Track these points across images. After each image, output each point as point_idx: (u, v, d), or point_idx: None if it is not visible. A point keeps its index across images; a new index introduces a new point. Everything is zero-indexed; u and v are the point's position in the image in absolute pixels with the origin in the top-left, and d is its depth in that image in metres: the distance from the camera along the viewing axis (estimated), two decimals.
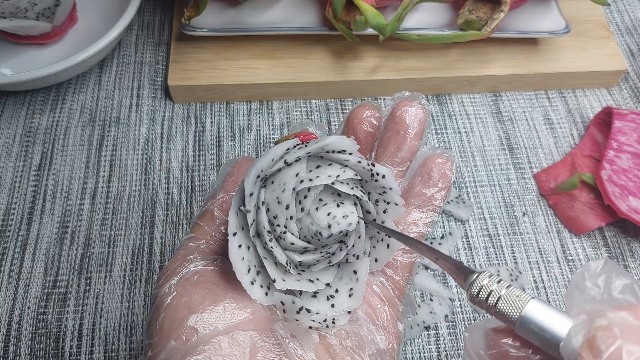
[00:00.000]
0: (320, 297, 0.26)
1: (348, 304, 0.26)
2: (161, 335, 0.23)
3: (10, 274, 0.41)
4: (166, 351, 0.23)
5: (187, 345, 0.23)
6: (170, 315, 0.24)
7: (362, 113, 0.29)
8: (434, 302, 0.40)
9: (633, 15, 0.56)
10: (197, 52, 0.49)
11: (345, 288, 0.26)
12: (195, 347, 0.22)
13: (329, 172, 0.25)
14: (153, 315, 0.24)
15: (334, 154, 0.25)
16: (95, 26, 0.50)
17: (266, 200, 0.25)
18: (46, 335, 0.38)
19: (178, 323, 0.23)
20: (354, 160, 0.25)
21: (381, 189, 0.26)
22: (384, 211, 0.26)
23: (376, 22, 0.42)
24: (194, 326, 0.23)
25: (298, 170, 0.24)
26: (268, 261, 0.25)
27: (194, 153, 0.46)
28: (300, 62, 0.48)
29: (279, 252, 0.25)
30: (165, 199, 0.44)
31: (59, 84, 0.49)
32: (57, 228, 0.42)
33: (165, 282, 0.25)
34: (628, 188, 0.42)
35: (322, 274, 0.26)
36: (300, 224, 0.25)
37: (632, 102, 0.50)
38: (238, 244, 0.25)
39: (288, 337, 0.24)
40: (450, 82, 0.49)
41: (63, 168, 0.45)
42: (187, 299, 0.24)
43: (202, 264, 0.26)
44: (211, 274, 0.25)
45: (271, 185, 0.25)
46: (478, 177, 0.46)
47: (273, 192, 0.25)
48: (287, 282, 0.25)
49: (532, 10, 0.49)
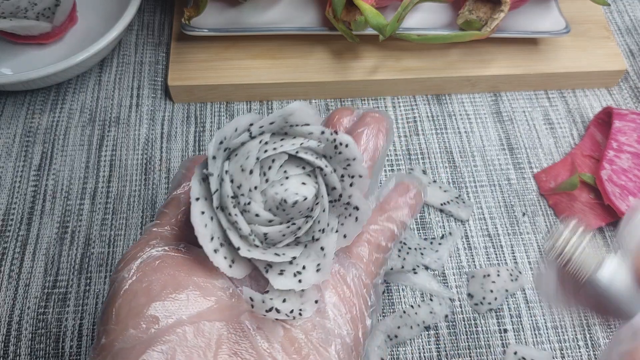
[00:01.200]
0: (287, 274, 0.25)
1: (316, 278, 0.25)
2: (117, 322, 0.22)
3: (10, 274, 0.41)
4: (124, 340, 0.21)
5: (148, 334, 0.22)
6: (129, 302, 0.22)
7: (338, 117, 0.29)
8: (434, 302, 0.40)
9: (633, 15, 0.56)
10: (197, 52, 0.49)
11: (313, 264, 0.26)
12: (158, 337, 0.21)
13: (294, 140, 0.25)
14: (109, 300, 0.23)
15: (297, 128, 0.25)
16: (95, 26, 0.50)
17: (230, 170, 0.24)
18: (46, 335, 0.38)
19: (137, 310, 0.22)
20: (317, 131, 0.25)
21: (345, 162, 0.25)
22: (350, 185, 0.26)
23: (376, 22, 0.42)
24: (154, 314, 0.22)
25: (262, 139, 0.24)
26: (232, 232, 0.24)
27: (194, 153, 0.46)
28: (300, 62, 0.48)
29: (243, 223, 0.24)
30: (165, 199, 0.44)
31: (59, 84, 0.49)
32: (57, 228, 0.42)
33: (125, 266, 0.24)
34: (628, 188, 0.42)
35: (287, 250, 0.26)
36: (264, 195, 0.25)
37: (632, 102, 0.50)
38: (201, 210, 0.24)
39: (254, 328, 0.23)
40: (450, 82, 0.49)
41: (63, 168, 0.45)
42: (147, 285, 0.23)
43: (164, 249, 0.25)
44: (174, 260, 0.24)
45: (235, 157, 0.24)
46: (478, 177, 0.46)
47: (237, 162, 0.24)
48: (252, 252, 0.24)
49: (532, 10, 0.49)
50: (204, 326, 0.22)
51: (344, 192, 0.26)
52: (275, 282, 0.25)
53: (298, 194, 0.24)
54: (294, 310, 0.24)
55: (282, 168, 0.25)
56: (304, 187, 0.25)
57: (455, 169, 0.46)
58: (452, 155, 0.47)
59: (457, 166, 0.46)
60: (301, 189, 0.25)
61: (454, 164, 0.46)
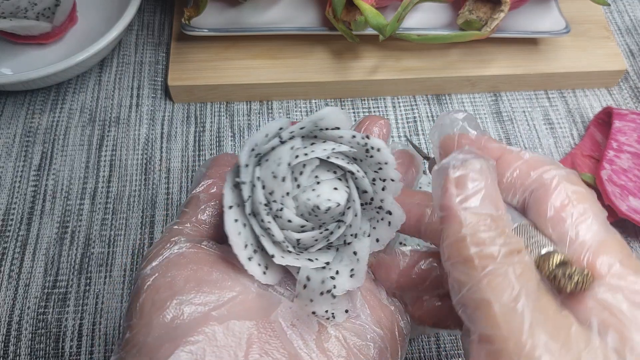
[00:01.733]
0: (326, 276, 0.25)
1: (350, 284, 0.25)
2: (141, 316, 0.22)
3: (10, 274, 0.41)
4: (149, 333, 0.22)
5: (174, 326, 0.22)
6: (152, 296, 0.22)
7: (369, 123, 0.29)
8: None
9: (633, 15, 0.56)
10: (197, 52, 0.49)
11: (346, 269, 0.26)
12: (185, 335, 0.21)
13: (325, 145, 0.25)
14: (133, 297, 0.23)
15: (328, 132, 0.25)
16: (95, 26, 0.50)
17: (261, 177, 0.24)
18: (46, 335, 0.38)
19: (160, 303, 0.22)
20: (348, 135, 0.25)
21: (376, 165, 0.25)
22: (382, 189, 0.25)
23: (376, 22, 0.42)
24: (179, 307, 0.22)
25: (293, 145, 0.24)
26: (265, 239, 0.24)
27: (194, 153, 0.46)
28: (300, 62, 0.48)
29: (276, 230, 0.24)
30: (165, 199, 0.44)
31: (59, 84, 0.49)
32: (57, 228, 0.42)
33: (147, 264, 0.24)
34: (628, 188, 0.42)
35: (320, 255, 0.26)
36: (297, 201, 0.25)
37: (632, 102, 0.50)
38: (234, 218, 0.24)
39: (288, 325, 0.23)
40: (450, 82, 0.49)
41: (63, 168, 0.45)
42: (170, 280, 0.23)
43: (186, 246, 0.25)
44: (196, 256, 0.24)
45: (266, 163, 0.24)
46: None
47: (268, 168, 0.24)
48: (285, 259, 0.24)
49: (532, 10, 0.49)
50: (234, 325, 0.22)
51: (376, 195, 0.26)
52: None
53: (331, 200, 0.24)
54: (328, 310, 0.24)
55: (313, 173, 0.25)
56: (336, 193, 0.25)
57: None
58: None
59: None
60: (333, 194, 0.25)
61: None
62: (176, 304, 0.22)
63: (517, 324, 0.18)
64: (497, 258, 0.19)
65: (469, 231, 0.20)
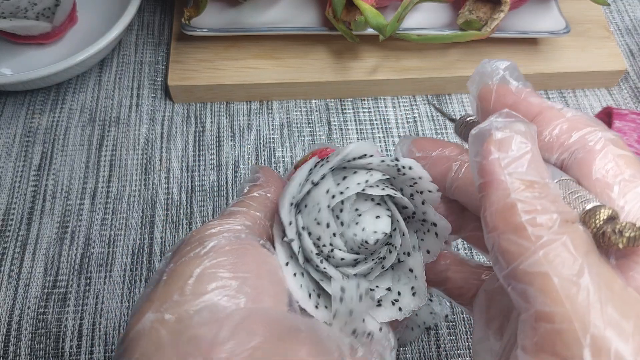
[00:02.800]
0: (385, 303, 0.26)
1: (415, 304, 0.25)
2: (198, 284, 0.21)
3: (10, 274, 0.41)
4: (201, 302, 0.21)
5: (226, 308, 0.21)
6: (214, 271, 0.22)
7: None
8: (434, 303, 0.40)
9: (633, 15, 0.56)
10: (197, 52, 0.49)
11: (407, 288, 0.26)
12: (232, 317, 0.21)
13: (357, 179, 0.25)
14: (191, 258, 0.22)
15: (356, 161, 0.25)
16: (95, 26, 0.50)
17: (305, 224, 0.25)
18: (46, 335, 0.38)
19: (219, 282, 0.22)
20: (377, 161, 0.25)
21: (411, 180, 0.25)
22: (422, 202, 0.26)
23: (376, 22, 0.42)
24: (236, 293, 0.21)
25: (327, 187, 0.24)
26: (325, 282, 0.25)
27: (194, 153, 0.46)
28: (300, 62, 0.48)
29: (333, 271, 0.25)
30: (165, 199, 0.44)
31: (59, 84, 0.49)
32: (57, 228, 0.42)
33: (213, 235, 0.23)
34: None
35: (379, 281, 0.26)
36: (344, 237, 0.25)
37: (632, 102, 0.50)
38: (293, 273, 0.24)
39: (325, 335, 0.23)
40: (450, 82, 0.49)
41: (63, 168, 0.45)
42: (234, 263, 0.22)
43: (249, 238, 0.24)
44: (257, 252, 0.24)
45: (305, 209, 0.25)
46: None
47: (309, 214, 0.24)
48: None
49: (532, 10, 0.49)
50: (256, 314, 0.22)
51: (417, 209, 0.26)
52: (378, 315, 0.25)
53: (377, 232, 0.25)
54: (366, 330, 0.24)
55: (353, 206, 0.25)
56: (380, 222, 0.25)
57: None
58: None
59: None
60: (377, 224, 0.25)
61: None
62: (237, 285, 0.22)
63: (582, 301, 0.16)
64: (552, 227, 0.17)
65: (519, 196, 0.18)
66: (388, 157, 0.25)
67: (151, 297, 0.22)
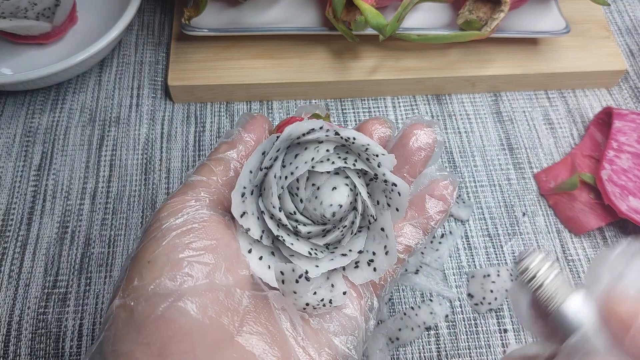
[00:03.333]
0: (362, 264, 0.26)
1: (388, 262, 0.26)
2: (153, 269, 0.23)
3: (10, 274, 0.41)
4: (158, 286, 0.23)
5: (182, 287, 0.23)
6: (167, 253, 0.23)
7: (371, 127, 0.29)
8: (434, 303, 0.40)
9: (633, 15, 0.56)
10: (197, 52, 0.49)
11: (380, 247, 0.26)
12: (192, 293, 0.22)
13: (305, 157, 0.25)
14: (147, 246, 0.24)
15: (304, 137, 0.25)
16: (95, 26, 0.50)
17: (266, 208, 0.25)
18: (46, 335, 0.38)
19: (174, 263, 0.23)
20: (322, 134, 0.25)
21: (362, 147, 0.26)
22: (378, 165, 0.26)
23: (376, 22, 0.42)
24: (190, 272, 0.23)
25: (275, 172, 0.25)
26: (295, 258, 0.25)
27: (194, 153, 0.46)
28: (300, 62, 0.48)
29: (299, 246, 0.25)
30: (165, 199, 0.44)
31: (59, 84, 0.49)
32: (57, 228, 0.42)
33: (168, 216, 0.25)
34: (628, 188, 0.42)
35: (352, 244, 0.27)
36: (307, 211, 0.26)
37: (632, 102, 0.50)
38: (258, 257, 0.25)
39: (279, 308, 0.24)
40: (450, 82, 0.49)
41: (63, 168, 0.45)
42: (188, 243, 0.24)
43: (210, 214, 0.25)
44: (217, 227, 0.25)
45: (264, 192, 0.25)
46: (478, 177, 0.46)
47: (267, 198, 0.25)
48: (320, 267, 0.25)
49: (532, 10, 0.49)
50: (235, 292, 0.24)
51: (377, 171, 0.26)
52: (355, 277, 0.26)
53: (332, 204, 0.25)
54: (324, 298, 0.25)
55: (309, 181, 0.26)
56: (336, 193, 0.25)
57: (455, 169, 0.46)
58: (452, 155, 0.47)
59: (457, 166, 0.46)
60: (334, 196, 0.25)
61: (454, 163, 0.46)
62: (189, 268, 0.23)
63: None
64: None
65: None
66: (331, 129, 0.25)
67: (119, 283, 0.24)
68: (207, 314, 0.22)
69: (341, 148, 0.26)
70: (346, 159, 0.26)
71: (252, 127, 0.29)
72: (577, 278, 0.42)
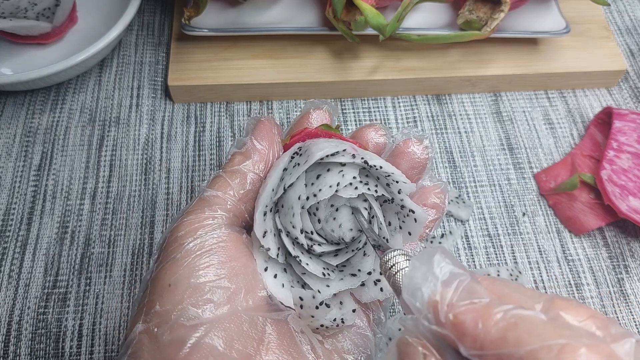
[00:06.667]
0: (369, 283, 0.27)
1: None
2: (175, 292, 0.23)
3: (10, 274, 0.41)
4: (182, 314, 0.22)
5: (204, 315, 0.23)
6: (188, 277, 0.23)
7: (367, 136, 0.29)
8: None
9: (633, 15, 0.56)
10: (197, 52, 0.49)
11: None
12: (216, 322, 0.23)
13: (329, 180, 0.25)
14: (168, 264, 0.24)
15: (329, 158, 0.25)
16: (95, 26, 0.50)
17: (282, 225, 0.26)
18: (46, 335, 0.38)
19: (196, 288, 0.23)
20: (348, 158, 0.25)
21: (384, 173, 0.26)
22: (398, 191, 0.26)
23: (376, 22, 0.42)
24: (211, 298, 0.23)
25: (299, 193, 0.25)
26: (307, 276, 0.26)
27: (194, 153, 0.46)
28: (300, 62, 0.48)
29: (313, 267, 0.26)
30: (165, 199, 0.44)
31: (59, 84, 0.49)
32: (57, 228, 0.42)
33: (186, 235, 0.24)
34: (628, 188, 0.42)
35: (362, 264, 0.27)
36: (323, 231, 0.26)
37: (632, 102, 0.50)
38: (273, 275, 0.25)
39: (299, 331, 0.25)
40: (450, 82, 0.49)
41: (63, 168, 0.45)
42: (208, 266, 0.24)
43: (227, 233, 0.25)
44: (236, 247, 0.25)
45: (282, 209, 0.26)
46: (478, 177, 0.46)
47: (285, 216, 0.25)
48: (331, 287, 0.26)
49: (532, 10, 0.49)
50: (257, 320, 0.24)
51: (395, 197, 0.26)
52: (362, 296, 0.26)
53: (352, 229, 0.26)
54: (336, 319, 0.25)
55: (329, 202, 0.26)
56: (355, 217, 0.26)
57: (455, 169, 0.46)
58: (452, 155, 0.47)
59: (457, 166, 0.46)
60: (354, 220, 0.26)
61: (454, 163, 0.46)
62: (211, 294, 0.23)
63: None
64: None
65: None
66: (358, 154, 0.25)
67: (140, 306, 0.24)
68: (233, 347, 0.22)
69: (362, 171, 0.26)
70: (367, 183, 0.26)
71: (263, 133, 0.28)
72: (577, 278, 0.42)
